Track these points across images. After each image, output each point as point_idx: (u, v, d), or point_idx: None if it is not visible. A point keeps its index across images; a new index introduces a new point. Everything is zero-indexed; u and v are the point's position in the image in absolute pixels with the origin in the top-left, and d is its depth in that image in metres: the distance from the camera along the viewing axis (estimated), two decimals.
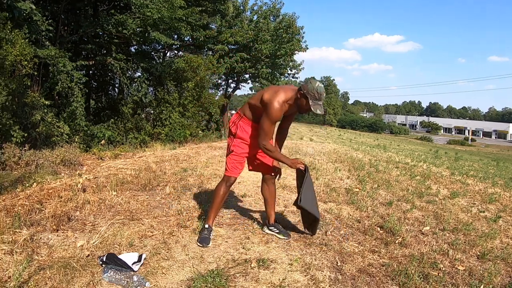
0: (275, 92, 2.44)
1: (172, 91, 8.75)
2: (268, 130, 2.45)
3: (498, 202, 4.50)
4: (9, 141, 4.57)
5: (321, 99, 2.39)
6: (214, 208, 2.65)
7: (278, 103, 2.40)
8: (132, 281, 1.93)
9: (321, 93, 2.37)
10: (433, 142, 43.92)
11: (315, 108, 2.37)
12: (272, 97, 2.41)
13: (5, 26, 4.53)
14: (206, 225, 2.63)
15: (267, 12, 15.73)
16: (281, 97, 2.42)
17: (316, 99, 2.37)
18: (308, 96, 2.37)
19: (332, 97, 56.58)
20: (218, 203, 2.64)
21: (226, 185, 2.62)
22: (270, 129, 2.46)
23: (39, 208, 2.89)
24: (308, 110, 2.42)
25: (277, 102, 2.39)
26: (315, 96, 2.36)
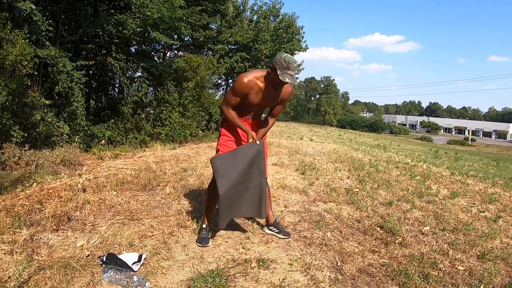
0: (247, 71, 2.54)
1: (172, 91, 8.75)
2: (229, 99, 2.52)
3: (498, 202, 4.50)
4: (9, 141, 4.57)
5: (290, 68, 2.31)
6: (207, 208, 2.71)
7: (245, 77, 2.45)
8: (132, 281, 1.93)
9: (289, 62, 2.30)
10: (433, 142, 43.92)
11: (283, 77, 2.32)
12: (242, 74, 2.49)
13: (5, 26, 4.53)
14: (203, 225, 2.65)
15: (267, 12, 15.73)
16: (251, 74, 2.47)
17: (284, 68, 2.32)
18: (276, 67, 2.34)
19: (332, 97, 56.55)
20: (211, 203, 2.67)
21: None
22: (230, 98, 2.51)
23: (39, 208, 2.89)
24: (279, 83, 2.38)
25: (244, 76, 2.46)
26: (283, 65, 2.32)
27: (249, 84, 2.45)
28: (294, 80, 2.34)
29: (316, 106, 60.07)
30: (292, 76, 2.33)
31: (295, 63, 2.33)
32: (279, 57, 2.35)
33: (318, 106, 58.36)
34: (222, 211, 2.43)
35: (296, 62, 2.37)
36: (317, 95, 61.85)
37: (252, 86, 2.46)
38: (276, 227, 2.81)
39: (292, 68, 2.33)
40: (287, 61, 2.31)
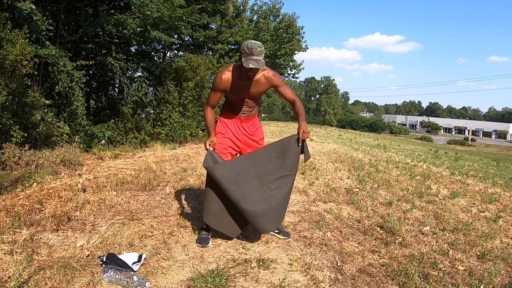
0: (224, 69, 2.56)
1: (172, 91, 8.75)
2: (209, 97, 2.63)
3: (498, 202, 4.50)
4: (9, 141, 4.57)
5: (253, 53, 2.29)
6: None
7: (221, 72, 2.51)
8: (132, 281, 1.93)
9: (251, 47, 2.28)
10: (433, 142, 43.90)
11: (247, 63, 2.29)
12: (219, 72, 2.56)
13: (5, 26, 4.53)
14: (204, 225, 2.64)
15: (267, 12, 15.75)
16: (226, 68, 2.52)
17: (248, 54, 2.31)
18: (241, 56, 2.35)
19: (332, 97, 56.55)
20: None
21: None
22: (210, 96, 2.61)
23: (39, 208, 2.89)
24: (247, 71, 2.36)
25: (220, 72, 2.53)
26: (246, 52, 2.31)
27: (224, 77, 2.49)
28: (258, 65, 2.31)
29: (316, 106, 60.08)
30: (256, 60, 2.30)
31: (258, 47, 2.30)
32: (243, 44, 2.35)
33: (318, 106, 58.37)
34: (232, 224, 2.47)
35: (261, 46, 2.33)
36: (317, 95, 61.88)
37: (228, 79, 2.49)
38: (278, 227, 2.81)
39: (256, 52, 2.30)
40: (250, 47, 2.29)
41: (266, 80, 2.54)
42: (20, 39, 4.61)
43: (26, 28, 5.01)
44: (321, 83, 61.20)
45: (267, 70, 2.52)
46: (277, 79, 2.60)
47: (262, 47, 2.35)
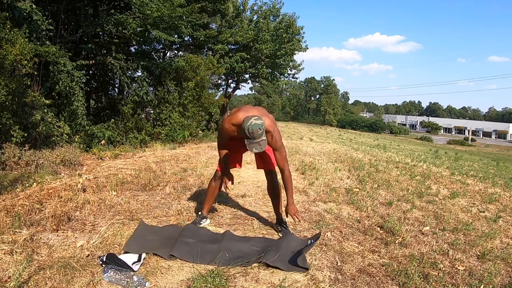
0: (234, 113, 2.56)
1: (172, 91, 8.75)
2: (219, 141, 2.75)
3: (498, 202, 4.50)
4: (9, 141, 4.57)
5: (255, 137, 2.31)
6: (206, 199, 2.96)
7: (227, 123, 2.54)
8: (132, 281, 1.93)
9: (253, 131, 2.29)
10: (433, 142, 43.88)
11: (250, 147, 2.35)
12: (228, 116, 2.58)
13: (4, 25, 4.53)
14: (199, 212, 2.93)
15: (267, 12, 15.72)
16: (231, 119, 2.52)
17: (250, 138, 2.33)
18: (243, 135, 2.37)
19: (332, 97, 56.55)
20: (209, 195, 2.92)
21: (214, 178, 2.88)
22: (220, 139, 2.74)
23: (39, 208, 2.89)
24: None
25: (227, 121, 2.55)
26: (248, 136, 2.32)
27: (229, 129, 2.54)
28: (261, 148, 2.34)
29: (316, 106, 60.07)
30: (259, 143, 2.32)
31: (259, 130, 2.29)
32: (244, 126, 2.32)
33: (318, 106, 58.37)
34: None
35: (261, 127, 2.30)
36: (317, 95, 61.86)
37: (232, 132, 2.54)
38: (281, 226, 2.87)
39: (257, 135, 2.31)
40: (251, 131, 2.29)
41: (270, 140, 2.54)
42: (20, 39, 4.61)
43: (26, 27, 5.01)
44: (321, 83, 61.17)
45: (270, 132, 2.50)
46: (275, 142, 2.58)
47: (262, 128, 2.32)
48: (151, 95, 8.80)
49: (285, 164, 2.64)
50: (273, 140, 2.54)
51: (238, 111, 2.53)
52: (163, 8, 6.93)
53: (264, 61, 15.63)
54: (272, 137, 2.53)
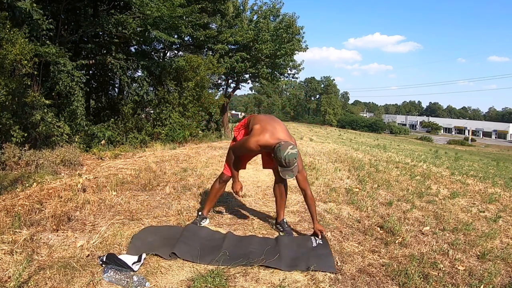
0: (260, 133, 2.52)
1: (172, 91, 8.75)
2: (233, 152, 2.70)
3: (498, 202, 4.50)
4: (9, 141, 4.57)
5: (290, 166, 2.39)
6: (208, 200, 2.96)
7: (254, 143, 2.51)
8: (132, 281, 1.93)
9: (289, 161, 2.37)
10: (433, 142, 43.88)
11: (283, 174, 2.43)
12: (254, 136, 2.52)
13: (4, 25, 4.52)
14: (199, 212, 2.92)
15: (267, 12, 15.71)
16: (259, 141, 2.50)
17: (285, 166, 2.40)
18: (277, 163, 2.42)
19: (332, 97, 56.56)
20: (211, 196, 2.92)
21: (219, 181, 2.89)
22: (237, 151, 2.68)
23: (39, 208, 2.89)
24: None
25: (253, 142, 2.51)
26: (283, 164, 2.39)
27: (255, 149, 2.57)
28: (293, 174, 2.43)
29: (316, 106, 60.08)
30: (291, 170, 2.40)
31: (294, 159, 2.38)
32: (280, 156, 2.37)
33: (318, 106, 58.38)
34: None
35: (297, 156, 2.40)
36: (317, 95, 61.86)
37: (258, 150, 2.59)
38: (281, 226, 2.88)
39: (292, 164, 2.39)
40: (288, 161, 2.37)
41: None
42: (20, 39, 4.61)
43: (26, 27, 5.01)
44: (321, 83, 61.16)
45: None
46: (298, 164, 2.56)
47: (295, 160, 2.40)
48: (151, 94, 8.80)
49: (306, 186, 2.68)
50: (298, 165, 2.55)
51: (265, 132, 2.51)
52: (163, 8, 6.93)
53: (264, 61, 15.63)
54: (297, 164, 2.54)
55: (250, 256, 2.30)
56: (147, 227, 2.72)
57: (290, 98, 58.37)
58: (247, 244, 2.49)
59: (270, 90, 34.68)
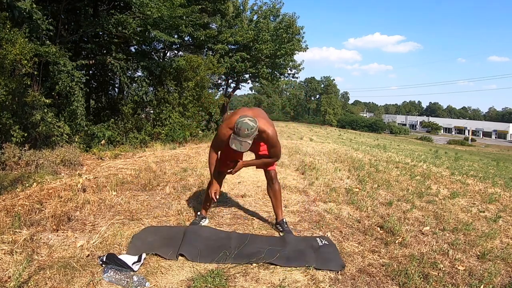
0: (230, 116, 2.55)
1: (172, 91, 8.75)
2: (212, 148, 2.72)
3: (498, 202, 4.50)
4: (9, 141, 4.57)
5: (240, 134, 2.34)
6: (204, 200, 2.98)
7: (224, 127, 2.53)
8: (132, 281, 1.93)
9: (239, 128, 2.33)
10: (433, 142, 43.85)
11: (231, 142, 2.39)
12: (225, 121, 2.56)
13: (4, 25, 4.52)
14: (199, 212, 2.96)
15: (267, 12, 15.72)
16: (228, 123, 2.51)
17: (235, 133, 2.37)
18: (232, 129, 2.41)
19: (332, 97, 56.50)
20: (207, 195, 2.89)
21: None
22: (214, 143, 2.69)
23: (39, 208, 2.89)
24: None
25: (224, 126, 2.55)
26: (234, 130, 2.38)
27: (226, 133, 2.52)
28: (241, 147, 2.36)
29: (316, 106, 60.04)
30: (240, 142, 2.34)
31: (246, 130, 2.32)
32: (236, 120, 2.37)
33: (318, 106, 58.33)
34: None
35: (249, 129, 2.32)
36: (317, 95, 61.84)
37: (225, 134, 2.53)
38: (281, 226, 2.87)
39: (242, 134, 2.34)
40: (239, 127, 2.34)
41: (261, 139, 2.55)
42: (19, 39, 4.61)
43: (26, 27, 5.01)
44: (321, 83, 61.12)
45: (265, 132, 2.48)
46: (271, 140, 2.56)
47: (250, 130, 2.33)
48: (151, 95, 8.80)
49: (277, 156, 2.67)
50: (269, 139, 2.54)
51: (235, 114, 2.54)
52: (163, 8, 6.93)
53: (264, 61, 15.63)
54: (268, 137, 2.52)
55: (257, 254, 2.30)
56: (147, 227, 2.72)
57: (290, 98, 58.36)
58: (253, 243, 2.49)
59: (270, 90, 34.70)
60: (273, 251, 2.35)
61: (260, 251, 2.34)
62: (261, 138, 2.53)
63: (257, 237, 2.65)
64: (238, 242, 2.50)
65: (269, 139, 2.53)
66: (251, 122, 2.35)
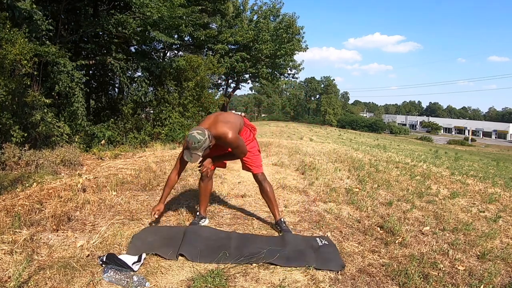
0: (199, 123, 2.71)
1: (172, 91, 8.75)
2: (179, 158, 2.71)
3: (498, 202, 4.50)
4: (9, 141, 4.57)
5: (189, 147, 2.44)
6: (200, 200, 2.99)
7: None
8: (132, 281, 1.93)
9: (188, 141, 2.44)
10: (433, 142, 43.86)
11: (184, 153, 2.50)
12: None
13: (4, 25, 4.52)
14: (197, 213, 2.97)
15: (267, 12, 15.74)
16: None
17: (186, 147, 2.47)
18: None
19: (332, 97, 56.52)
20: (201, 195, 2.96)
21: (202, 179, 2.93)
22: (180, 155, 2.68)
23: (39, 208, 2.89)
24: None
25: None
26: (185, 144, 2.48)
27: None
28: (192, 159, 2.46)
29: (316, 106, 60.06)
30: (191, 154, 2.44)
31: (193, 143, 2.41)
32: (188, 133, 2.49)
33: (318, 106, 58.35)
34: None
35: (196, 143, 2.41)
36: (317, 95, 61.85)
37: None
38: (279, 225, 2.87)
39: (191, 147, 2.43)
40: (187, 140, 2.45)
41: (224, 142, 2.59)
42: (19, 39, 4.61)
43: (26, 27, 5.01)
44: (321, 83, 61.14)
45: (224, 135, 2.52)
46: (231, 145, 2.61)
47: (197, 144, 2.41)
48: (151, 94, 8.80)
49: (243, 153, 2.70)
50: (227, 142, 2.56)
51: (202, 122, 2.66)
52: (163, 9, 6.93)
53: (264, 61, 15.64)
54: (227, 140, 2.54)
55: (257, 254, 2.30)
56: (147, 227, 2.72)
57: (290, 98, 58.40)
58: (253, 243, 2.50)
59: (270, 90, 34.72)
60: (273, 251, 2.35)
61: (260, 251, 2.34)
62: (222, 142, 2.59)
63: (257, 237, 2.65)
64: (238, 242, 2.50)
65: (228, 142, 2.57)
66: (198, 135, 2.43)
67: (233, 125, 2.60)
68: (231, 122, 2.61)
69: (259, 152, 2.92)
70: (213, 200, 3.64)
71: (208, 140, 2.45)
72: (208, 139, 2.46)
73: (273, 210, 2.91)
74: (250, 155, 2.83)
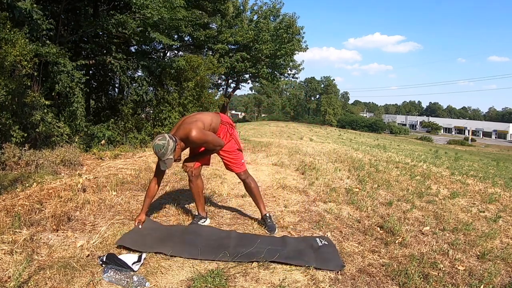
0: None
1: (172, 91, 8.75)
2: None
3: (498, 202, 4.51)
4: (9, 141, 4.56)
5: (158, 156, 2.47)
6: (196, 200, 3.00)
7: None
8: (132, 281, 1.93)
9: (155, 152, 2.48)
10: (433, 142, 43.86)
11: (159, 163, 2.53)
12: None
13: (4, 25, 4.52)
14: (196, 213, 2.99)
15: (267, 12, 15.75)
16: None
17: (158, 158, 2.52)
18: None
19: (332, 97, 56.53)
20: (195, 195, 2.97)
21: (190, 180, 2.95)
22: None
23: (39, 208, 2.89)
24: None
25: None
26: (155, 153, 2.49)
27: None
28: (166, 166, 2.51)
29: (316, 106, 60.06)
30: (164, 161, 2.49)
31: (159, 150, 2.44)
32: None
33: (318, 106, 58.36)
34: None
35: (161, 148, 2.44)
36: (317, 95, 61.86)
37: None
38: (264, 220, 2.92)
39: (160, 155, 2.47)
40: (154, 152, 2.50)
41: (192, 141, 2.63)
42: (20, 39, 4.61)
43: (26, 27, 5.01)
44: (321, 83, 61.14)
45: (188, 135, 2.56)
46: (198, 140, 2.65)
47: (163, 149, 2.45)
48: (151, 94, 8.80)
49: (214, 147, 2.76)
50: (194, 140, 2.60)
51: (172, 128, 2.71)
52: (163, 10, 6.93)
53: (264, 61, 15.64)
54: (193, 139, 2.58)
55: (257, 254, 2.30)
56: (146, 220, 2.71)
57: (290, 98, 58.40)
58: (253, 243, 2.50)
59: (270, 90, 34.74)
60: (273, 251, 2.35)
61: (260, 251, 2.34)
62: (189, 142, 2.63)
63: (257, 237, 2.65)
64: (238, 241, 2.50)
65: (193, 141, 2.59)
66: (159, 141, 2.46)
67: (197, 123, 2.60)
68: (196, 121, 2.62)
69: (239, 150, 2.93)
70: (213, 200, 3.64)
71: (171, 141, 2.48)
72: (171, 140, 2.48)
73: (259, 205, 2.96)
74: (228, 154, 2.86)
